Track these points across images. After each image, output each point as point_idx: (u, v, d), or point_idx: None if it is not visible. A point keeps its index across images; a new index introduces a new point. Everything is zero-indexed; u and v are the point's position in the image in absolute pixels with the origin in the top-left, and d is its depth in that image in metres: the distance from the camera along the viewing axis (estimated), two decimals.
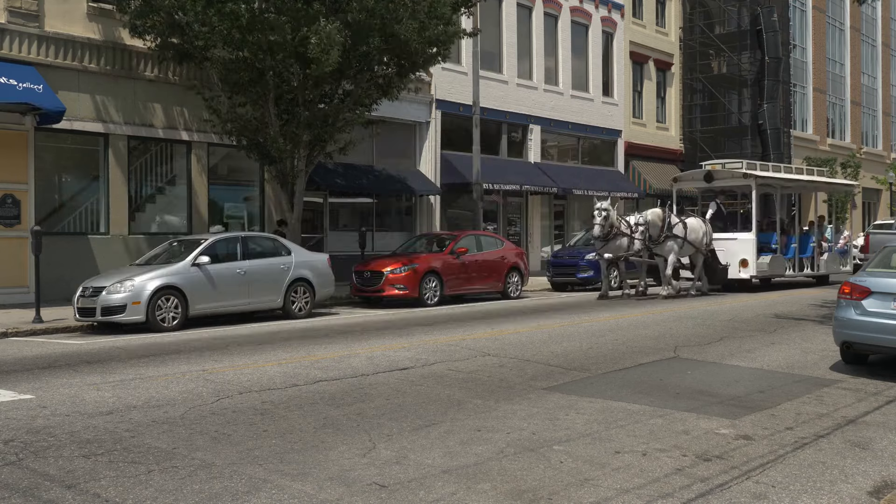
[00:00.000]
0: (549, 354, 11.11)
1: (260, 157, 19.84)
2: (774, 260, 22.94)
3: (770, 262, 22.74)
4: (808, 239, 24.81)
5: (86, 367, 10.42)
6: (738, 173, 22.95)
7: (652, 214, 20.29)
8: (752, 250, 22.24)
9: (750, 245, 22.33)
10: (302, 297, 16.77)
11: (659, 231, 20.14)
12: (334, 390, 8.68)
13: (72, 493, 5.44)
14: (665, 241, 20.27)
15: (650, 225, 20.10)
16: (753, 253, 22.20)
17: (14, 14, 18.08)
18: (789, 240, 24.21)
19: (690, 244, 20.74)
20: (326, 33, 16.47)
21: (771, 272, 22.98)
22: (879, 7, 57.27)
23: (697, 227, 21.04)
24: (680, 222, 20.62)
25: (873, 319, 9.55)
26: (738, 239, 22.62)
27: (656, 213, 20.33)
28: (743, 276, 22.27)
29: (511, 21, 30.23)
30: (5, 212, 17.87)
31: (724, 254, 22.06)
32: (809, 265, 24.71)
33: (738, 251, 22.30)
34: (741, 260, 22.19)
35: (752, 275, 22.27)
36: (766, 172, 23.66)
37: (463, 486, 5.60)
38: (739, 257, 22.22)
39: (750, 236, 22.49)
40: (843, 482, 5.85)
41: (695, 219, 21.50)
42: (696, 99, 41.26)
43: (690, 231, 20.72)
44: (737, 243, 22.49)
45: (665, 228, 20.18)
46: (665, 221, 20.21)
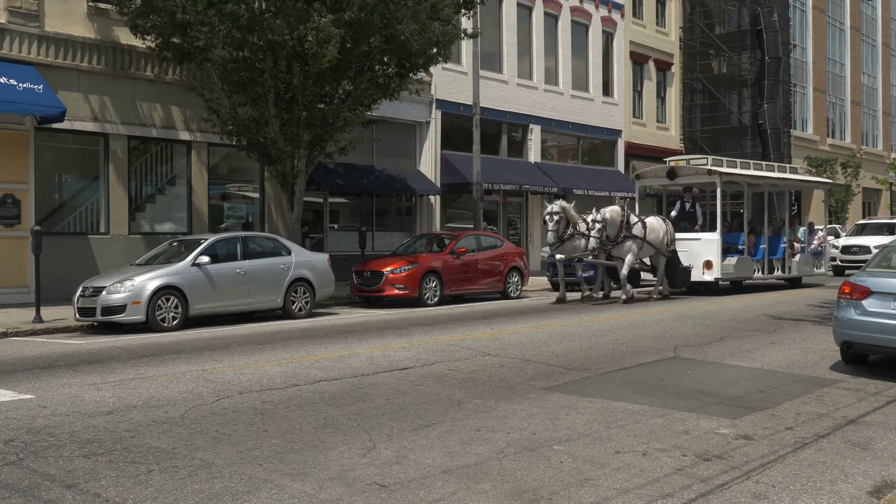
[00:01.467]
0: (549, 354, 11.11)
1: (260, 157, 19.84)
2: (741, 261, 21.79)
3: (736, 264, 21.59)
4: (778, 239, 23.67)
5: (86, 367, 10.42)
6: (702, 170, 21.69)
7: (610, 212, 19.03)
8: (716, 251, 20.98)
9: (714, 245, 21.06)
10: (302, 297, 16.76)
11: (617, 230, 18.99)
12: (334, 390, 8.68)
13: (72, 493, 5.44)
14: (623, 241, 19.11)
15: (608, 224, 18.81)
16: (718, 254, 20.96)
17: (14, 14, 18.08)
18: (758, 240, 23.07)
19: (650, 245, 19.65)
20: (322, 27, 16.48)
21: (737, 274, 21.84)
22: (879, 7, 57.28)
23: (658, 227, 19.91)
24: (639, 221, 19.53)
25: (873, 319, 9.55)
26: (701, 239, 21.35)
27: (615, 212, 19.13)
28: (707, 279, 21.04)
29: (511, 21, 30.23)
30: (5, 212, 17.86)
31: (688, 255, 20.94)
32: (780, 267, 23.52)
33: (701, 252, 21.04)
34: (705, 261, 20.94)
35: (716, 277, 21.03)
36: (732, 169, 22.36)
37: (463, 486, 5.60)
38: (703, 258, 20.98)
39: (714, 236, 21.26)
40: (843, 482, 5.85)
41: (655, 218, 20.45)
42: (696, 99, 41.27)
43: (650, 231, 19.59)
44: (700, 244, 21.21)
45: (624, 227, 19.05)
46: (624, 220, 19.10)
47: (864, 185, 49.16)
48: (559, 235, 18.85)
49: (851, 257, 29.46)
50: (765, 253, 22.76)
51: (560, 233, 18.86)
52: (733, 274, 21.61)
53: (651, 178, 23.31)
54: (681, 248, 20.77)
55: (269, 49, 17.62)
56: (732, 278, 21.93)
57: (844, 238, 31.60)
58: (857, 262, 29.18)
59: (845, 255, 29.93)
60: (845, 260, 29.82)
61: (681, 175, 22.14)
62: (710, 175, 21.29)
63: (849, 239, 31.04)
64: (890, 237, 29.23)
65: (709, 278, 21.00)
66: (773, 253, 23.22)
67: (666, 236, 20.00)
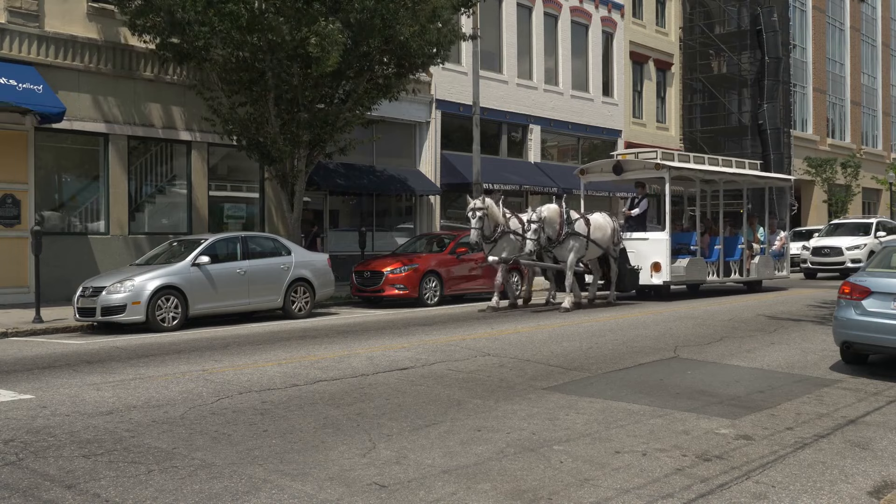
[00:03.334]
0: (549, 354, 11.11)
1: (260, 157, 19.84)
2: (693, 263, 20.07)
3: (688, 266, 19.87)
4: (735, 240, 22.10)
5: (86, 367, 10.42)
6: (650, 164, 19.92)
7: (548, 210, 17.23)
8: (665, 252, 19.30)
9: (663, 246, 19.37)
10: (302, 297, 16.77)
11: (557, 229, 17.25)
12: (334, 390, 8.68)
13: (72, 493, 5.44)
14: (565, 241, 17.36)
15: (546, 222, 17.03)
16: (667, 255, 19.28)
17: (14, 14, 18.08)
18: (713, 241, 21.48)
19: (596, 244, 18.01)
20: (327, 33, 16.48)
21: (688, 277, 20.07)
22: (879, 7, 57.28)
23: (604, 225, 18.30)
24: (582, 218, 17.89)
25: (873, 319, 9.55)
26: (649, 239, 19.71)
27: (552, 210, 17.33)
28: (655, 282, 19.41)
29: (511, 21, 30.23)
30: (5, 212, 17.87)
31: (635, 256, 19.31)
32: (738, 269, 21.87)
33: (649, 253, 19.38)
34: (653, 263, 19.30)
35: (665, 280, 19.34)
36: (682, 163, 20.69)
37: (463, 486, 5.60)
38: (651, 260, 19.33)
39: (663, 236, 19.63)
40: (843, 482, 5.85)
41: (601, 214, 18.80)
42: (696, 99, 41.28)
43: (595, 229, 18.00)
44: (648, 244, 19.54)
45: (564, 225, 17.36)
46: (564, 218, 17.37)
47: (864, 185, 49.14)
48: (484, 234, 17.13)
49: (823, 259, 28.22)
50: (720, 254, 21.25)
51: (489, 231, 17.24)
52: (684, 277, 19.92)
53: (597, 174, 21.89)
54: (628, 250, 19.31)
55: (269, 49, 17.63)
56: (683, 281, 20.25)
57: (816, 239, 29.88)
58: (828, 264, 28.03)
59: (816, 256, 28.50)
60: (816, 262, 28.47)
61: (628, 170, 20.61)
62: (658, 169, 19.69)
63: (820, 240, 29.41)
64: (865, 238, 28.27)
65: (657, 281, 19.40)
66: (729, 254, 21.75)
67: (614, 234, 18.57)
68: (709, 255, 21.16)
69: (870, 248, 27.49)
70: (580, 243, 17.58)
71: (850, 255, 27.74)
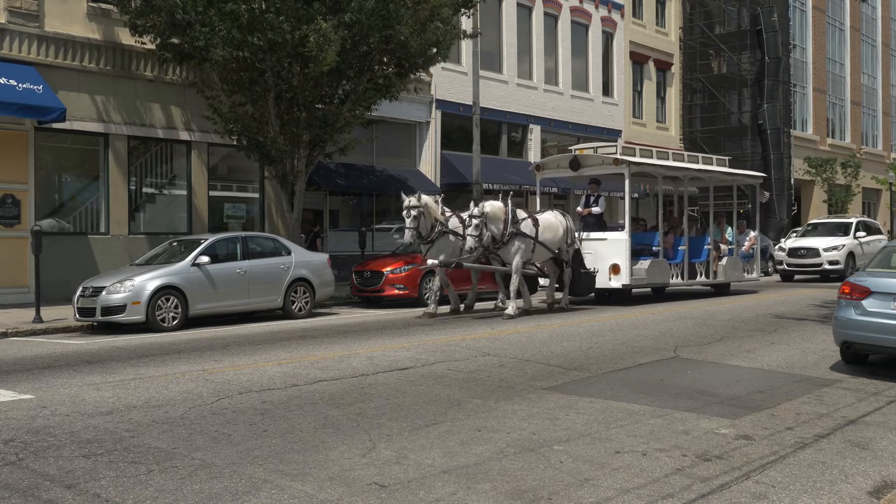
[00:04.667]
0: (549, 354, 11.11)
1: (260, 157, 19.85)
2: (655, 265, 18.87)
3: (649, 268, 18.65)
4: (702, 240, 21.04)
5: (86, 367, 10.42)
6: (608, 159, 18.81)
7: (491, 207, 15.88)
8: (624, 253, 18.12)
9: (622, 247, 18.19)
10: (302, 297, 16.77)
11: (501, 229, 15.98)
12: (334, 390, 8.68)
13: (72, 493, 5.44)
14: (509, 242, 16.06)
15: (489, 219, 15.76)
16: (627, 256, 18.09)
17: (14, 14, 18.08)
18: (677, 241, 20.31)
19: (545, 246, 16.66)
20: (323, 31, 16.50)
21: (650, 280, 18.90)
22: (879, 7, 57.29)
23: (555, 225, 16.95)
24: (529, 217, 16.58)
25: (873, 319, 9.55)
26: (608, 239, 18.56)
27: (497, 206, 16.02)
28: (614, 285, 18.30)
29: (511, 21, 30.24)
30: (5, 212, 17.87)
31: (593, 257, 18.22)
32: (704, 271, 20.70)
33: (608, 254, 18.24)
34: (612, 265, 18.17)
35: (624, 283, 18.20)
36: (643, 158, 19.50)
37: (463, 486, 5.60)
38: (610, 262, 18.20)
39: (622, 236, 18.43)
40: (843, 482, 5.84)
41: (552, 213, 17.45)
42: (696, 99, 41.30)
43: (545, 229, 16.66)
44: (607, 245, 18.39)
45: (509, 225, 16.06)
46: (509, 217, 16.06)
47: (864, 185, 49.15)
48: (420, 234, 16.17)
49: (799, 261, 26.83)
50: (685, 255, 20.07)
51: (422, 231, 16.15)
52: (645, 279, 18.74)
53: (553, 170, 20.65)
54: (585, 250, 18.27)
55: (269, 49, 17.63)
56: (644, 284, 19.10)
57: (793, 239, 28.56)
58: (805, 266, 26.70)
59: (792, 258, 27.06)
60: (792, 264, 27.03)
61: (585, 165, 19.45)
62: (617, 165, 18.59)
63: (797, 241, 27.98)
64: (843, 239, 27.03)
65: (616, 285, 18.27)
66: (695, 255, 20.60)
67: (567, 235, 17.25)
68: (673, 257, 20.06)
69: (848, 249, 26.76)
70: (527, 245, 16.26)
71: (827, 256, 26.51)
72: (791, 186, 42.17)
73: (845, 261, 26.43)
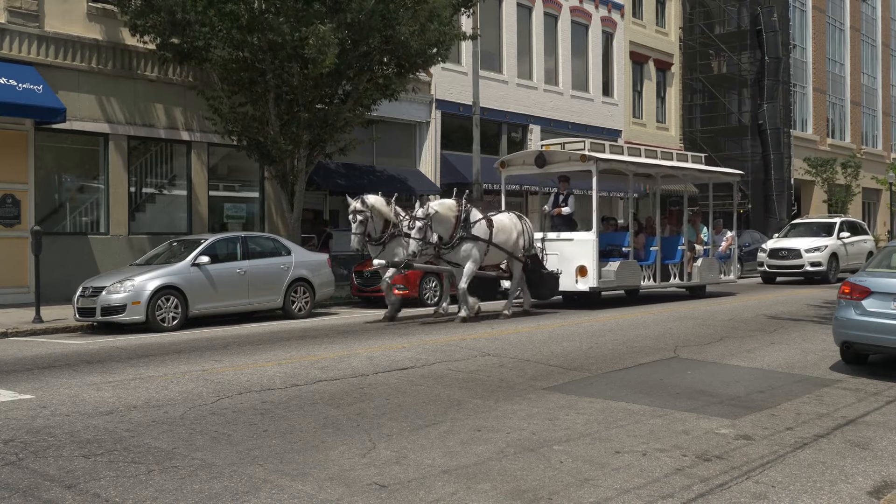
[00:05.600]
0: (549, 354, 11.11)
1: (260, 157, 19.85)
2: (625, 267, 18.06)
3: (618, 270, 17.88)
4: (675, 241, 20.11)
5: (86, 367, 10.42)
6: (575, 155, 17.81)
7: (440, 206, 14.95)
8: (591, 254, 17.23)
9: (589, 247, 17.31)
10: (302, 297, 16.76)
11: (451, 230, 15.09)
12: (334, 390, 8.68)
13: (72, 493, 5.44)
14: (460, 244, 15.19)
15: (437, 221, 14.89)
16: (594, 258, 17.21)
17: (14, 14, 18.09)
18: (648, 241, 19.34)
19: (499, 248, 15.83)
20: (322, 34, 16.50)
21: (620, 282, 18.13)
22: (879, 7, 57.31)
23: (509, 227, 16.13)
24: (483, 219, 15.66)
25: (873, 319, 9.55)
26: (574, 240, 17.69)
27: (446, 206, 15.06)
28: (581, 288, 17.40)
29: (511, 21, 30.24)
30: (5, 212, 17.87)
31: (559, 259, 17.47)
32: (678, 273, 19.83)
33: (574, 256, 17.40)
34: (579, 267, 17.30)
35: (591, 286, 17.29)
36: (612, 155, 18.65)
37: (463, 486, 5.60)
38: (577, 263, 17.34)
39: (590, 236, 17.55)
40: (843, 482, 5.85)
41: (507, 214, 16.68)
42: (696, 99, 41.31)
43: (500, 230, 15.83)
44: (573, 245, 17.54)
45: (459, 227, 15.17)
46: (460, 217, 15.20)
47: (864, 185, 49.15)
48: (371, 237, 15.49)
49: (780, 262, 25.76)
50: (657, 256, 19.11)
51: (374, 234, 15.48)
52: (614, 282, 17.97)
53: (519, 166, 19.69)
54: (551, 251, 17.64)
55: (269, 49, 17.64)
56: (613, 287, 18.30)
57: (774, 240, 27.36)
58: (786, 267, 25.68)
59: (773, 259, 25.93)
60: (773, 265, 25.91)
61: (552, 162, 18.56)
62: (584, 161, 17.60)
63: (778, 241, 26.81)
64: (826, 239, 26.09)
65: (583, 287, 17.40)
66: (669, 257, 19.74)
67: (522, 237, 16.37)
68: (644, 258, 19.12)
69: (831, 250, 25.79)
70: (479, 247, 15.36)
71: (809, 257, 25.42)
72: (791, 186, 42.17)
73: (828, 262, 25.56)
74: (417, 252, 14.93)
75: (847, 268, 25.92)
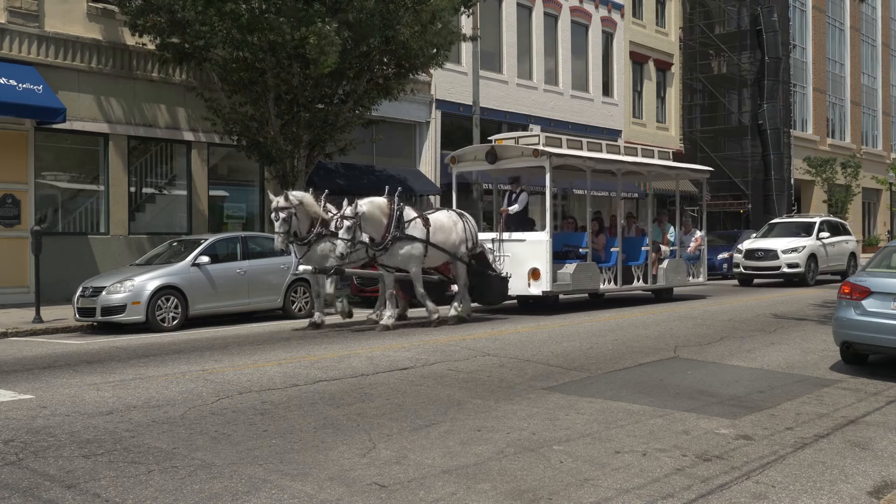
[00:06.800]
0: (549, 354, 11.11)
1: (260, 157, 19.85)
2: (582, 269, 16.90)
3: (575, 273, 16.72)
4: (639, 241, 19.10)
5: (86, 367, 10.42)
6: (528, 150, 16.70)
7: (370, 205, 13.76)
8: (545, 256, 16.16)
9: (542, 248, 16.24)
10: (302, 297, 16.76)
11: (383, 231, 13.93)
12: (334, 390, 8.68)
13: (72, 493, 5.44)
14: (394, 246, 14.05)
15: (367, 221, 13.69)
16: (548, 260, 16.15)
17: (14, 14, 18.09)
18: (609, 242, 18.33)
19: (439, 249, 14.69)
20: (324, 34, 16.50)
21: (576, 286, 16.94)
22: (879, 7, 57.31)
23: (448, 226, 14.98)
24: (419, 217, 14.52)
25: (873, 319, 9.55)
26: (527, 241, 16.57)
27: (376, 205, 13.90)
28: (533, 292, 16.39)
29: (511, 21, 30.25)
30: (5, 212, 17.88)
31: (511, 260, 16.44)
32: (642, 275, 18.81)
33: (527, 257, 16.35)
34: (531, 269, 16.24)
35: (544, 290, 16.23)
36: (569, 150, 17.41)
37: (463, 486, 5.60)
38: (529, 266, 16.28)
39: (542, 237, 16.48)
40: (843, 482, 5.84)
41: (447, 213, 15.46)
42: (696, 99, 41.32)
43: (438, 230, 14.71)
44: (525, 246, 16.47)
45: (392, 226, 13.98)
46: (392, 216, 14.03)
47: (864, 185, 49.17)
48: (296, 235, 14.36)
49: (756, 263, 24.58)
50: (618, 258, 18.13)
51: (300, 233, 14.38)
52: (571, 285, 16.80)
53: (470, 162, 18.61)
54: (504, 253, 16.65)
55: (269, 49, 17.64)
56: (569, 290, 17.12)
57: (751, 240, 26.12)
58: (762, 269, 24.58)
59: (749, 260, 24.78)
60: (750, 267, 24.76)
61: (504, 157, 17.42)
62: (537, 156, 16.52)
63: (755, 241, 25.67)
64: (805, 240, 24.87)
65: (535, 291, 16.36)
66: (633, 258, 18.77)
67: (465, 237, 15.22)
68: (605, 259, 18.17)
69: (810, 250, 24.60)
70: (416, 249, 14.24)
71: (786, 258, 24.25)
72: (791, 186, 42.17)
73: (805, 263, 24.33)
74: (345, 254, 13.52)
75: (827, 269, 25.36)
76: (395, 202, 14.18)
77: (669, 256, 19.89)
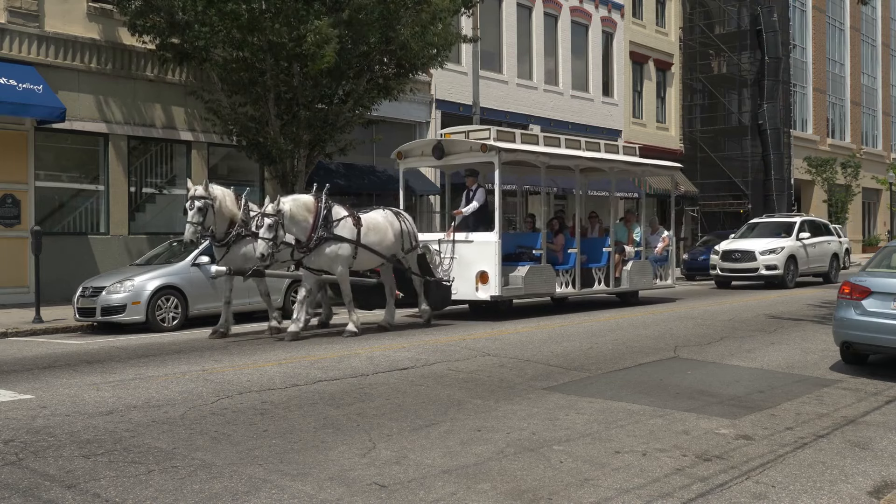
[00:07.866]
0: (549, 354, 11.11)
1: (260, 157, 19.85)
2: (535, 272, 15.87)
3: (528, 276, 15.68)
4: (601, 242, 18.15)
5: (86, 367, 10.42)
6: (476, 145, 15.69)
7: (293, 203, 12.83)
8: (494, 258, 15.11)
9: (491, 250, 15.18)
10: None
11: (308, 231, 12.92)
12: (334, 390, 8.68)
13: (72, 493, 5.44)
14: (320, 247, 13.04)
15: (290, 221, 12.71)
16: (496, 262, 15.10)
17: (14, 14, 18.08)
18: (568, 243, 17.35)
19: (371, 250, 13.64)
20: (319, 29, 16.50)
21: (529, 290, 15.84)
22: (879, 7, 57.31)
23: (383, 226, 13.97)
24: (350, 216, 13.47)
25: (873, 319, 9.55)
26: (474, 242, 15.45)
27: (300, 203, 12.95)
28: (481, 297, 15.32)
29: (511, 21, 30.25)
30: (5, 212, 17.87)
31: (458, 263, 15.40)
32: (603, 278, 17.79)
33: (474, 260, 15.28)
34: (479, 272, 15.22)
35: (493, 294, 15.18)
36: (521, 145, 16.47)
37: (463, 486, 5.60)
38: (477, 269, 15.26)
39: (491, 237, 15.35)
40: (843, 482, 5.85)
41: (382, 212, 14.37)
42: (696, 99, 41.32)
43: (370, 230, 13.69)
44: (472, 248, 15.40)
45: (319, 226, 12.99)
46: (319, 215, 13.01)
47: (864, 186, 49.17)
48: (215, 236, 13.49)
49: (733, 265, 23.76)
50: (577, 259, 17.12)
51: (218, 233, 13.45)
52: (523, 289, 15.71)
53: (417, 158, 17.37)
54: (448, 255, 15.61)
55: (269, 49, 17.63)
56: (521, 295, 16.02)
57: (729, 241, 25.26)
58: (739, 271, 23.81)
59: (726, 262, 23.94)
60: (727, 269, 23.96)
61: (451, 153, 16.32)
62: (485, 151, 15.48)
63: (732, 242, 24.79)
64: (784, 241, 24.07)
65: (483, 296, 15.30)
66: (593, 260, 17.73)
67: (401, 238, 14.29)
68: (563, 261, 17.16)
69: (789, 252, 23.75)
70: (344, 250, 13.23)
71: (763, 260, 23.42)
72: (791, 186, 42.17)
73: (784, 265, 23.50)
74: (266, 254, 12.45)
75: (808, 271, 24.76)
76: (322, 200, 13.17)
77: (634, 258, 18.89)
